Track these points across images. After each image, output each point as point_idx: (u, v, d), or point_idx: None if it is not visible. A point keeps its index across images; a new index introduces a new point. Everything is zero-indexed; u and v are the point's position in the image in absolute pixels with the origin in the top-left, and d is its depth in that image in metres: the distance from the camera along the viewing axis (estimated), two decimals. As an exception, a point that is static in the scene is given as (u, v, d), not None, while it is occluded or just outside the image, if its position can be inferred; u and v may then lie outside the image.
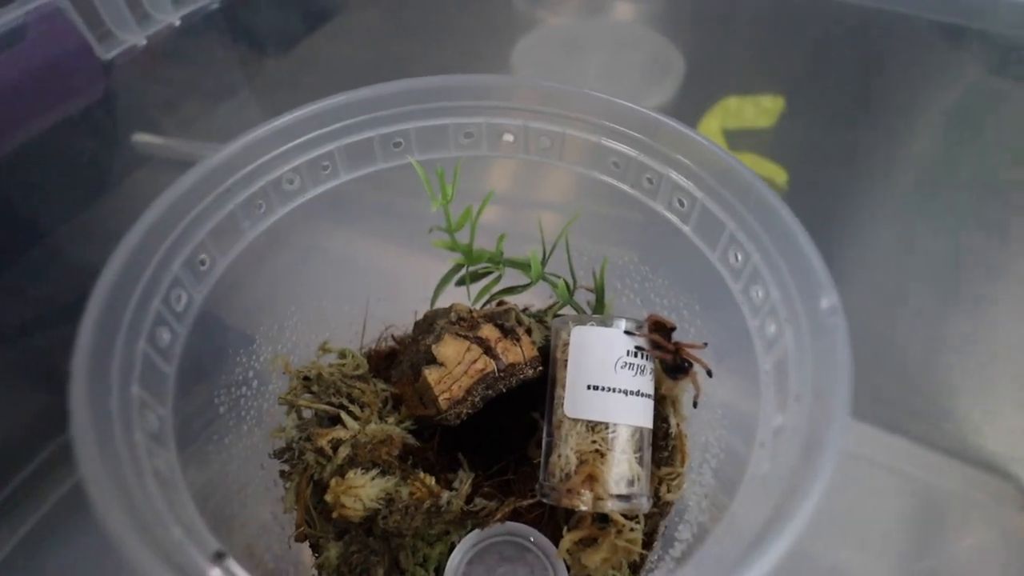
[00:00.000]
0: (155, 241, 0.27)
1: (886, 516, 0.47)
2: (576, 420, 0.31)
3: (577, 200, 0.38)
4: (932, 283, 0.58)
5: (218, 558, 0.20)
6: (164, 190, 0.27)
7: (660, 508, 0.33)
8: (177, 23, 0.58)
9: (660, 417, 0.33)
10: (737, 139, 0.68)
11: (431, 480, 0.35)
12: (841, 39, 0.79)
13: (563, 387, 0.31)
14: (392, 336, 0.44)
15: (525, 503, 0.34)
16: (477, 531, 0.34)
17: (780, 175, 0.63)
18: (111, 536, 0.18)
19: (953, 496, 0.48)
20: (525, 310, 0.43)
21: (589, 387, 0.30)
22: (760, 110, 0.71)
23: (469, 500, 0.35)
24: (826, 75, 0.76)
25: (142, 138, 0.60)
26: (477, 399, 0.33)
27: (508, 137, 0.36)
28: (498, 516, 0.34)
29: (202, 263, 0.29)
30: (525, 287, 0.38)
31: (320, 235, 0.38)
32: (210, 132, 0.63)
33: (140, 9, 0.54)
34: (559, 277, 0.38)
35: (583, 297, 0.40)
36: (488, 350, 0.33)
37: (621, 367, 0.30)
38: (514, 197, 0.41)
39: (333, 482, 0.33)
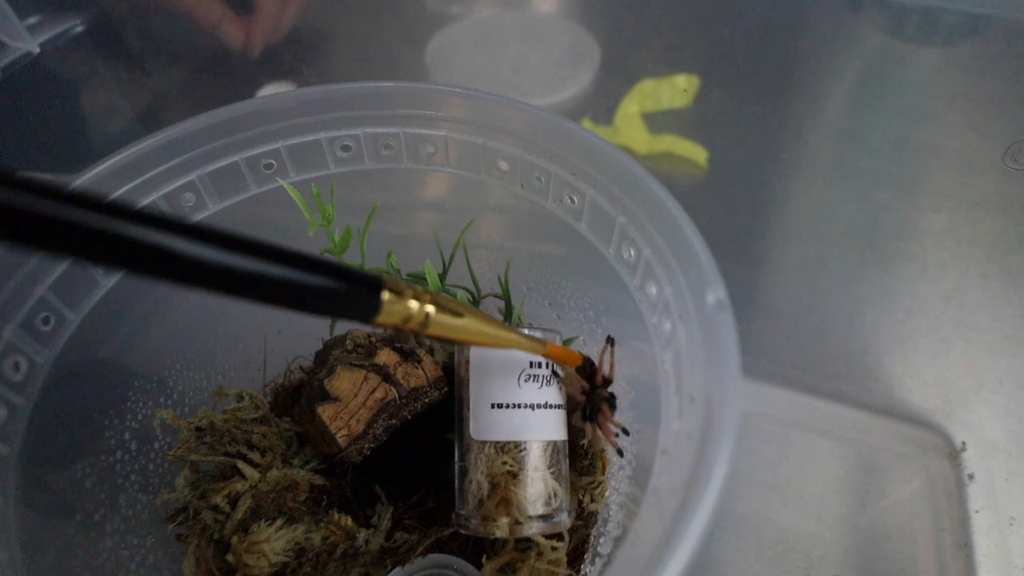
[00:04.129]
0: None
1: (823, 479, 0.48)
2: (484, 442, 0.29)
3: (480, 207, 0.36)
4: (849, 245, 0.59)
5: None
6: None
7: (585, 520, 0.32)
8: (36, 51, 0.53)
9: (576, 425, 0.32)
10: (656, 121, 0.68)
11: (347, 520, 0.32)
12: (750, 13, 0.80)
13: (468, 408, 0.30)
14: (301, 368, 0.42)
15: (447, 532, 0.32)
16: (399, 569, 0.32)
17: (700, 154, 0.63)
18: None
19: (884, 452, 0.49)
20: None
21: (493, 406, 0.29)
22: (676, 90, 0.71)
23: (389, 536, 0.33)
24: (738, 50, 0.77)
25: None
26: (380, 431, 0.31)
27: (388, 147, 0.33)
28: (419, 550, 0.32)
29: (45, 322, 0.26)
30: (427, 303, 0.36)
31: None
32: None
33: (-9, 40, 0.49)
34: (462, 288, 0.36)
35: (495, 305, 0.38)
36: (387, 377, 0.31)
37: (525, 380, 0.29)
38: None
39: (235, 539, 0.31)
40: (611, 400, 0.28)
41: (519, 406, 0.28)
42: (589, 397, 0.28)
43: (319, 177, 0.33)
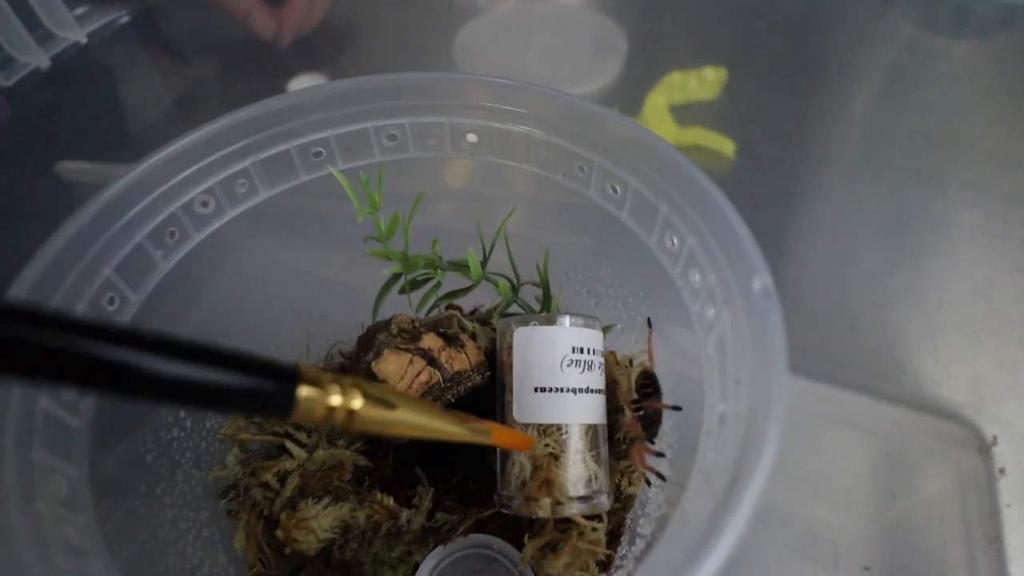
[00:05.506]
0: (50, 286, 0.25)
1: (852, 472, 0.48)
2: (527, 425, 0.30)
3: (520, 194, 0.37)
4: (878, 239, 0.59)
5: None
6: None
7: (623, 503, 0.33)
8: (84, 41, 0.54)
9: (615, 409, 0.33)
10: (683, 113, 0.68)
11: (389, 500, 0.33)
12: (778, 5, 0.80)
13: (511, 392, 0.30)
14: (341, 352, 0.43)
15: (487, 513, 0.33)
16: (440, 547, 0.33)
17: (728, 146, 0.63)
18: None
19: (914, 445, 0.49)
20: (474, 312, 0.42)
21: (537, 389, 0.29)
22: (704, 83, 0.71)
23: (430, 516, 0.34)
24: (766, 43, 0.77)
25: (68, 166, 0.57)
26: (424, 413, 0.31)
27: (433, 136, 0.34)
28: (461, 530, 0.33)
29: (110, 302, 0.27)
30: (468, 290, 0.37)
31: (249, 254, 0.37)
32: (141, 151, 0.60)
33: (41, 29, 0.51)
34: (502, 276, 0.37)
35: (532, 293, 0.39)
36: (432, 360, 0.32)
37: (567, 365, 0.29)
38: (470, 196, 0.40)
39: (283, 516, 0.32)
40: (650, 429, 0.28)
41: (562, 390, 0.29)
42: (639, 416, 0.29)
43: (366, 166, 0.34)
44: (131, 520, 0.27)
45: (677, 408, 0.28)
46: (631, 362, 0.32)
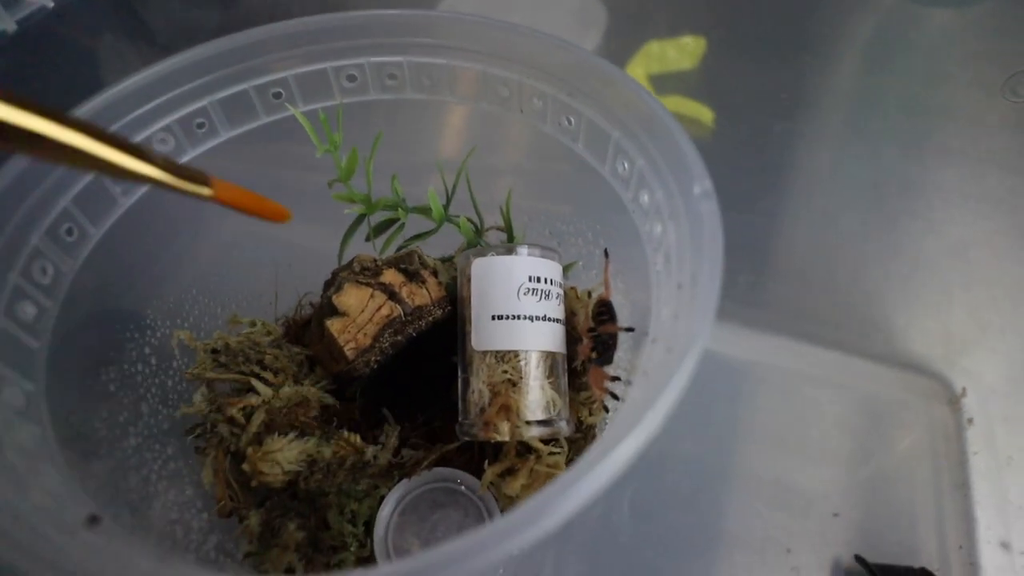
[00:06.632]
0: (6, 211, 0.25)
1: (826, 426, 0.49)
2: (485, 352, 0.30)
3: (486, 139, 0.37)
4: (857, 203, 0.60)
5: (92, 522, 0.19)
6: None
7: (584, 432, 0.33)
8: (51, 5, 0.54)
9: (575, 340, 0.33)
10: (663, 83, 0.68)
11: (356, 438, 0.34)
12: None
13: (470, 323, 0.31)
14: (311, 303, 0.43)
15: (452, 447, 0.34)
16: (405, 481, 0.34)
17: (706, 114, 0.64)
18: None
19: (886, 399, 0.50)
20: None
21: (494, 317, 0.30)
22: (682, 52, 0.71)
23: (396, 453, 0.35)
24: (747, 11, 0.77)
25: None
26: (386, 345, 0.32)
27: (393, 77, 0.34)
28: (425, 464, 0.34)
29: (68, 233, 0.27)
30: (431, 232, 0.37)
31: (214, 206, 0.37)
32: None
33: (6, -9, 0.50)
34: (465, 217, 0.37)
35: (498, 238, 0.39)
36: (393, 295, 0.32)
37: (524, 293, 0.30)
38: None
39: (250, 451, 0.32)
40: (606, 354, 0.29)
41: (518, 317, 0.30)
42: (592, 341, 0.29)
43: (326, 107, 0.34)
44: (93, 440, 0.27)
45: (630, 329, 0.28)
46: (590, 295, 0.33)
